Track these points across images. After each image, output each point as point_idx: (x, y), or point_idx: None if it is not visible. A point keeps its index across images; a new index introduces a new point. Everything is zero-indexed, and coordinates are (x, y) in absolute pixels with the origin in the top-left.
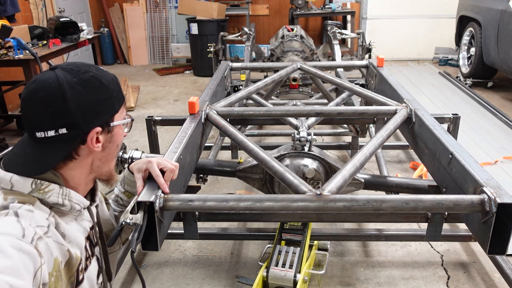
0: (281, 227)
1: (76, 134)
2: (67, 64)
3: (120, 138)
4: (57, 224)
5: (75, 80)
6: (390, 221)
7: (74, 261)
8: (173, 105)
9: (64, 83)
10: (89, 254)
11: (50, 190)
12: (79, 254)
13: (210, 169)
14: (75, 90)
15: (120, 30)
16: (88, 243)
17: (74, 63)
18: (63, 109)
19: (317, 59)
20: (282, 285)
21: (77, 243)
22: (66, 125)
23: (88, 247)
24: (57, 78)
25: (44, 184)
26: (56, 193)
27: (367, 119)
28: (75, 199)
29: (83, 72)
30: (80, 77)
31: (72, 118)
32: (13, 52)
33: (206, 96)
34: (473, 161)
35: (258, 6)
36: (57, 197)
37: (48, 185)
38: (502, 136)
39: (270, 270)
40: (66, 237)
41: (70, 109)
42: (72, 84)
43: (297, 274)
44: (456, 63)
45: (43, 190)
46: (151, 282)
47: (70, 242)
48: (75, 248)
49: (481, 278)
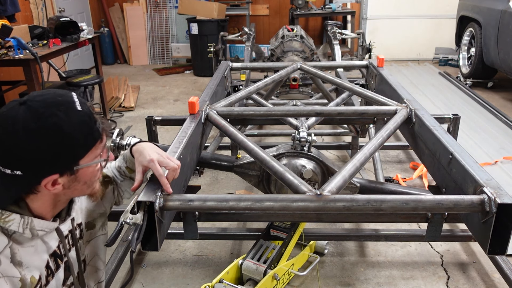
0: (270, 223)
1: (29, 177)
2: (38, 100)
3: (89, 176)
4: (12, 255)
5: (33, 126)
6: (390, 221)
7: (29, 286)
8: (173, 105)
9: (21, 128)
10: (51, 270)
11: (11, 220)
12: (36, 276)
13: (207, 162)
14: (29, 138)
15: (120, 30)
16: (52, 258)
17: (45, 100)
18: (15, 153)
19: (317, 59)
20: (253, 277)
21: (36, 266)
22: (20, 169)
23: (52, 263)
24: (15, 120)
25: (5, 214)
26: (17, 222)
27: (367, 119)
28: (38, 227)
29: (46, 116)
30: (41, 123)
31: (24, 164)
32: (13, 52)
33: (206, 96)
34: (473, 161)
35: (258, 6)
36: (17, 227)
37: (9, 215)
38: (502, 136)
39: (245, 262)
40: (24, 264)
41: (22, 155)
42: (28, 131)
43: (268, 270)
44: (456, 63)
45: (3, 220)
46: (151, 282)
47: (28, 267)
48: (33, 271)
49: (481, 278)
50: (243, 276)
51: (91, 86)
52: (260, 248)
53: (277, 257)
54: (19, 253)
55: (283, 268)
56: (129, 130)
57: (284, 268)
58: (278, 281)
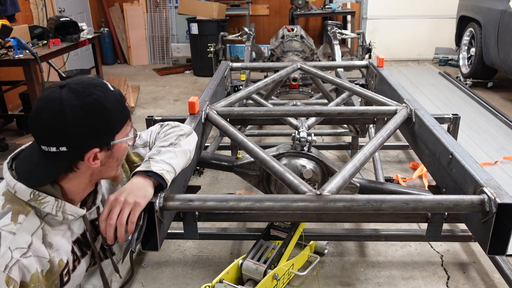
0: (270, 223)
1: (74, 153)
2: (76, 82)
3: (121, 153)
4: (44, 236)
5: (78, 103)
6: (390, 221)
7: (56, 269)
8: (173, 105)
9: (66, 106)
10: (77, 256)
11: (46, 202)
12: (65, 260)
13: (207, 162)
14: (75, 114)
15: (120, 30)
16: (76, 245)
17: (82, 82)
18: (62, 131)
19: (317, 59)
20: (253, 277)
21: (64, 249)
22: (66, 145)
23: (76, 249)
24: (60, 100)
25: (41, 196)
26: (51, 205)
27: (367, 119)
28: (69, 211)
29: (87, 95)
30: (83, 100)
31: (71, 139)
32: (13, 52)
33: (206, 96)
34: (473, 161)
35: (258, 6)
36: (51, 209)
37: (45, 197)
38: (502, 136)
39: (245, 262)
40: (54, 246)
41: (69, 131)
42: (74, 108)
43: (268, 270)
44: (456, 63)
45: (39, 201)
46: (151, 282)
47: (57, 250)
48: (62, 255)
49: (481, 278)
50: (243, 276)
51: None
52: (260, 248)
53: (277, 257)
54: (50, 235)
55: (283, 268)
56: None
57: (284, 268)
58: (278, 281)
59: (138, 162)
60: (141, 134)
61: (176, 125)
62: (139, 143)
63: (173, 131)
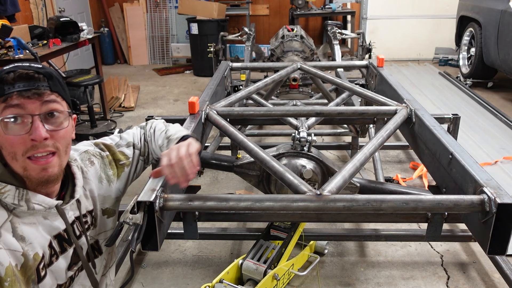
0: (270, 223)
1: None
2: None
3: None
4: (14, 229)
5: None
6: (390, 221)
7: (32, 263)
8: (173, 105)
9: None
10: (55, 251)
11: (6, 192)
12: (40, 253)
13: (207, 162)
14: None
15: (120, 30)
16: (56, 240)
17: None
18: None
19: (317, 59)
20: (253, 277)
21: (38, 243)
22: None
23: (55, 245)
24: None
25: (1, 185)
26: (12, 194)
27: (367, 119)
28: (34, 200)
29: None
30: None
31: None
32: (13, 52)
33: (206, 96)
34: (473, 161)
35: (258, 6)
36: (12, 198)
37: (4, 186)
38: (502, 136)
39: (245, 262)
40: (26, 239)
41: None
42: None
43: (268, 270)
44: (456, 63)
45: (0, 192)
46: (151, 282)
47: (31, 243)
48: (37, 248)
49: (481, 278)
50: (243, 276)
51: (91, 86)
52: (260, 248)
53: (277, 257)
54: (21, 228)
55: (283, 268)
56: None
57: (284, 268)
58: (278, 281)
59: (123, 161)
60: (122, 135)
61: (151, 126)
62: (122, 143)
63: (157, 130)
